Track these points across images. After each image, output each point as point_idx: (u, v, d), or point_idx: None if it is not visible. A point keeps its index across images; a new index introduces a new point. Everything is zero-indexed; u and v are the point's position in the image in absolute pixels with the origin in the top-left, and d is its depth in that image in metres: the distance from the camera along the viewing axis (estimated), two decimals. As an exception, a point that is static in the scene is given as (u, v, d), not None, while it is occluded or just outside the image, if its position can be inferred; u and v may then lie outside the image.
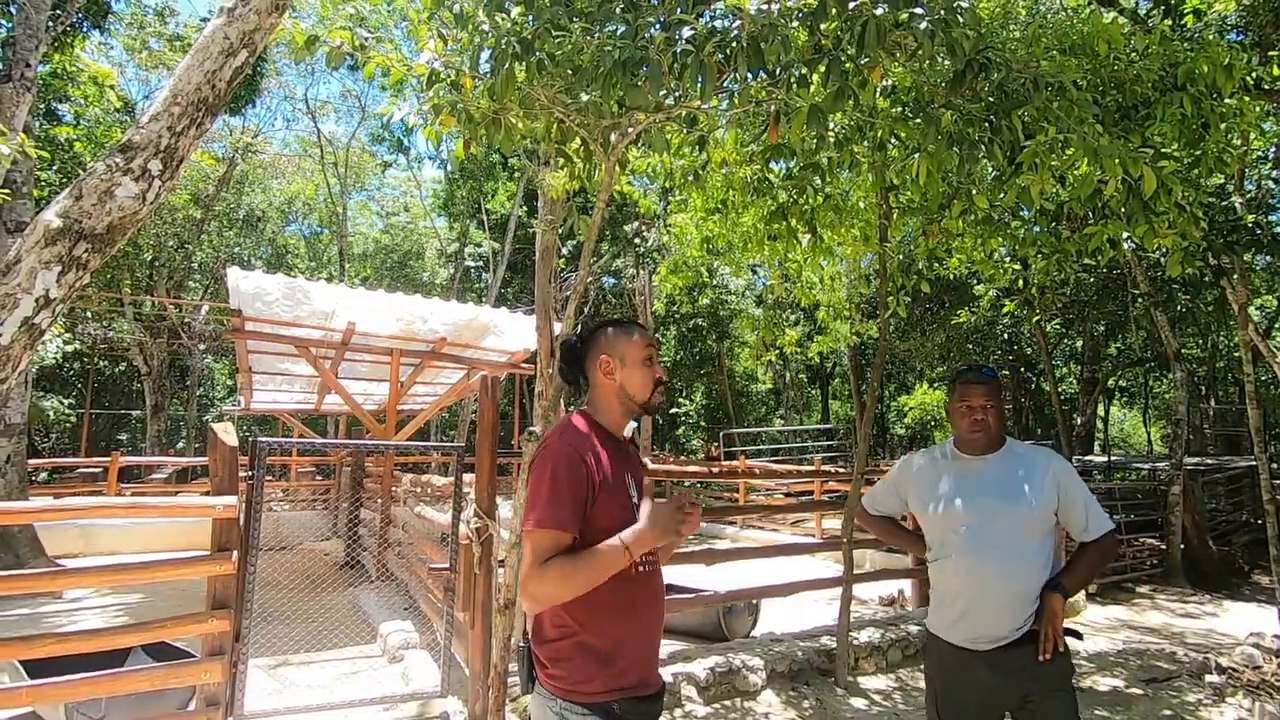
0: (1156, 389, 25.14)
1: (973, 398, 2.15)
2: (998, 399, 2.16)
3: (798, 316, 18.38)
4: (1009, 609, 2.03)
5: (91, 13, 11.95)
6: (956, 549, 2.11)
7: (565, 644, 1.52)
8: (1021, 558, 2.04)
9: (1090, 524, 2.12)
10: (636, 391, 1.65)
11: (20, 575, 3.35)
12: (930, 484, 2.23)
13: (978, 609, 2.06)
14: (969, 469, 2.18)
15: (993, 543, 2.05)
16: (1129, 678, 4.98)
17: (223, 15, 1.85)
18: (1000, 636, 2.03)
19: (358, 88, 23.15)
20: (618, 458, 1.62)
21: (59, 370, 19.27)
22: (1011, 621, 2.03)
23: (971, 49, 2.69)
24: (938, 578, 2.21)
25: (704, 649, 4.69)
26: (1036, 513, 2.07)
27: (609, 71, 2.62)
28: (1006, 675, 2.03)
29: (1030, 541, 2.06)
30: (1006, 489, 2.10)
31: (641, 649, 1.57)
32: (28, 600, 6.79)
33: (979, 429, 2.14)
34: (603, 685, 1.50)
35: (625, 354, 1.65)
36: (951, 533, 2.13)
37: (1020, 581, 2.03)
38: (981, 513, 2.09)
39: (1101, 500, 9.76)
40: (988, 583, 2.04)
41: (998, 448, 2.19)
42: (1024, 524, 2.06)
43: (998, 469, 2.14)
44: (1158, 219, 3.43)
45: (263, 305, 6.98)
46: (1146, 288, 9.56)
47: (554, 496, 1.48)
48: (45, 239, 1.55)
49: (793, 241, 4.71)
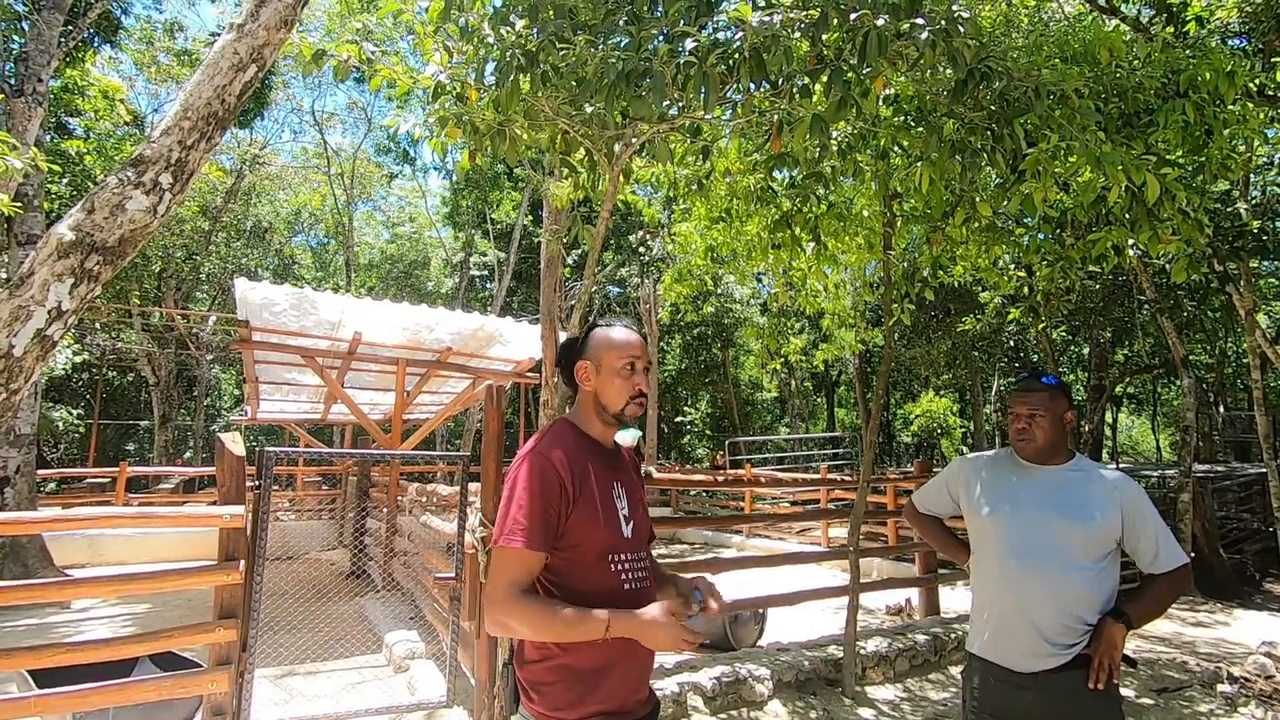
0: (1165, 395, 25.00)
1: (1019, 405, 2.10)
2: (1049, 409, 2.05)
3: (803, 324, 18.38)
4: (1050, 626, 1.92)
5: (103, 28, 12.13)
6: (999, 556, 2.03)
7: (543, 667, 1.46)
8: (1071, 574, 1.93)
9: (1161, 555, 1.98)
10: (610, 401, 1.57)
11: (28, 585, 3.37)
12: (984, 486, 2.14)
13: (1015, 623, 1.98)
14: (1028, 476, 2.09)
15: (1038, 555, 1.96)
16: (1140, 687, 4.93)
17: (233, 31, 1.88)
18: (1042, 654, 1.93)
19: (364, 100, 23.39)
20: (602, 466, 1.57)
21: (68, 381, 19.41)
22: (1054, 642, 1.92)
23: (973, 58, 2.71)
24: (978, 588, 2.13)
25: (710, 659, 4.67)
26: (1093, 530, 1.95)
27: (613, 83, 2.64)
28: (1051, 700, 1.92)
29: (1082, 560, 1.94)
30: (1064, 501, 2.00)
31: (627, 671, 1.50)
32: (36, 610, 6.82)
33: (1023, 437, 2.08)
34: (585, 711, 1.44)
35: (602, 361, 1.58)
36: (997, 538, 2.05)
37: (1067, 599, 1.92)
38: (1033, 522, 2.00)
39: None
40: (1027, 596, 1.96)
41: (1062, 459, 2.09)
42: (1077, 539, 1.95)
43: (1058, 480, 2.05)
44: (1162, 225, 3.43)
45: (270, 315, 7.03)
46: (1152, 294, 9.53)
47: (525, 510, 1.42)
48: (58, 252, 1.57)
49: (797, 250, 4.72)
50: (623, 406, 1.57)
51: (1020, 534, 2.00)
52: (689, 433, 26.48)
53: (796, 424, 24.39)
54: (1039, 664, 1.94)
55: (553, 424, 1.61)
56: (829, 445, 22.28)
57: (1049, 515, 1.99)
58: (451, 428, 24.16)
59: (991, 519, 2.07)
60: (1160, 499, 10.70)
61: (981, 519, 2.11)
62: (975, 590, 2.15)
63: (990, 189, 4.18)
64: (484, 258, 23.82)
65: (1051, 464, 2.08)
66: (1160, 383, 21.41)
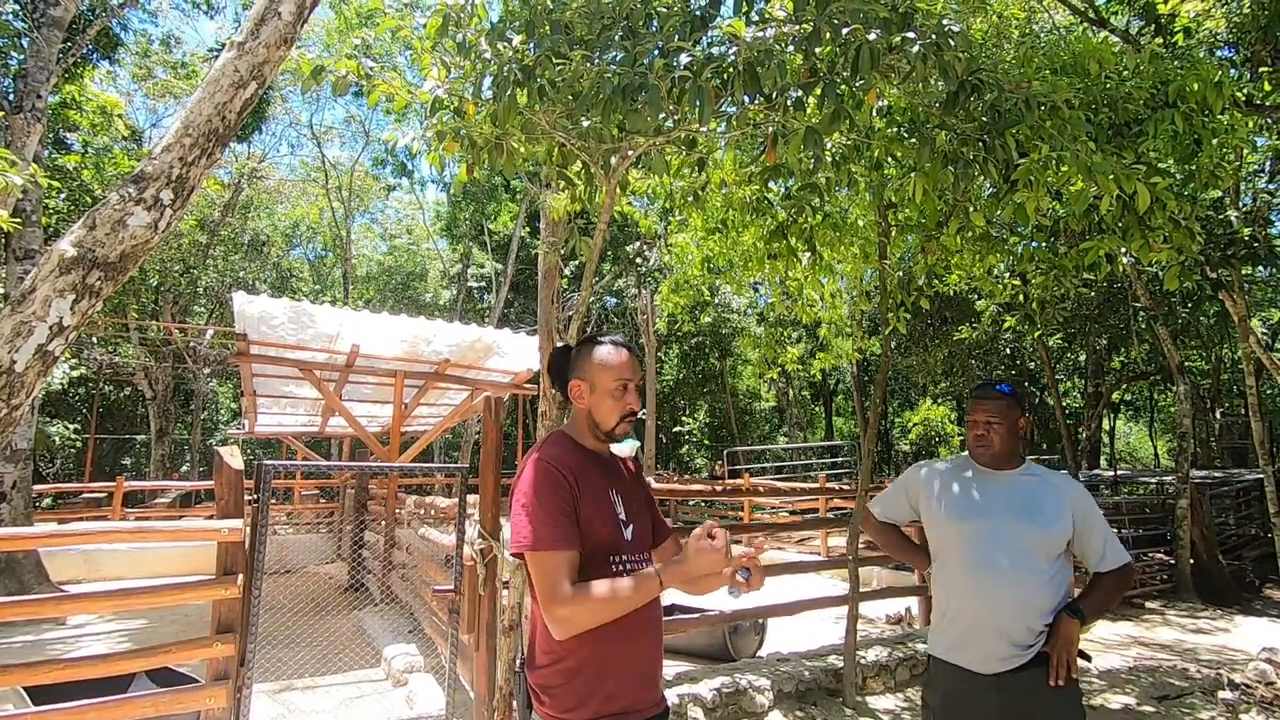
0: (1161, 402, 25.06)
1: (977, 412, 2.16)
2: (1005, 416, 2.13)
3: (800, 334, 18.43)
4: (1013, 628, 1.98)
5: (101, 44, 12.21)
6: (962, 561, 2.07)
7: (552, 670, 1.49)
8: (1030, 575, 1.99)
9: (1108, 555, 2.08)
10: (602, 419, 1.62)
11: (23, 601, 3.36)
12: (943, 492, 2.19)
13: (979, 626, 2.02)
14: (984, 482, 2.15)
15: (1000, 558, 2.01)
16: (1141, 695, 4.92)
17: (233, 49, 1.91)
18: (1005, 656, 1.98)
19: (362, 113, 23.51)
20: (599, 474, 1.61)
21: (64, 396, 19.35)
22: (1016, 643, 1.98)
23: (964, 71, 2.75)
24: (940, 593, 2.16)
25: (710, 669, 4.65)
26: (1050, 534, 2.03)
27: (609, 97, 2.67)
28: (1013, 699, 1.97)
29: (1042, 562, 2.02)
30: (1022, 506, 2.07)
31: (635, 671, 1.53)
32: (31, 626, 6.77)
33: (981, 444, 2.15)
34: (591, 711, 1.46)
35: (596, 381, 1.62)
36: (959, 544, 2.09)
37: (1028, 600, 1.99)
38: (991, 526, 2.05)
39: (1109, 514, 9.71)
40: (990, 599, 2.00)
41: (1016, 465, 2.16)
42: (1035, 543, 2.02)
43: (1014, 486, 2.12)
44: (1153, 233, 3.47)
45: (268, 329, 7.03)
46: (1147, 301, 9.58)
47: (548, 515, 1.47)
48: (60, 268, 1.58)
49: (793, 260, 4.75)
50: (614, 425, 1.62)
51: (983, 540, 2.05)
52: (687, 442, 26.46)
53: (795, 433, 24.39)
54: (1002, 665, 1.99)
55: (549, 435, 1.66)
56: (827, 454, 22.27)
57: (1010, 520, 2.05)
58: (450, 440, 24.12)
59: (954, 525, 2.12)
60: (1158, 506, 10.70)
61: (943, 526, 2.15)
62: (938, 595, 2.19)
63: (983, 199, 4.22)
64: (481, 269, 23.88)
65: (1007, 469, 2.15)
66: (1157, 389, 21.46)
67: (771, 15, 2.94)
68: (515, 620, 3.29)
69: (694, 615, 5.04)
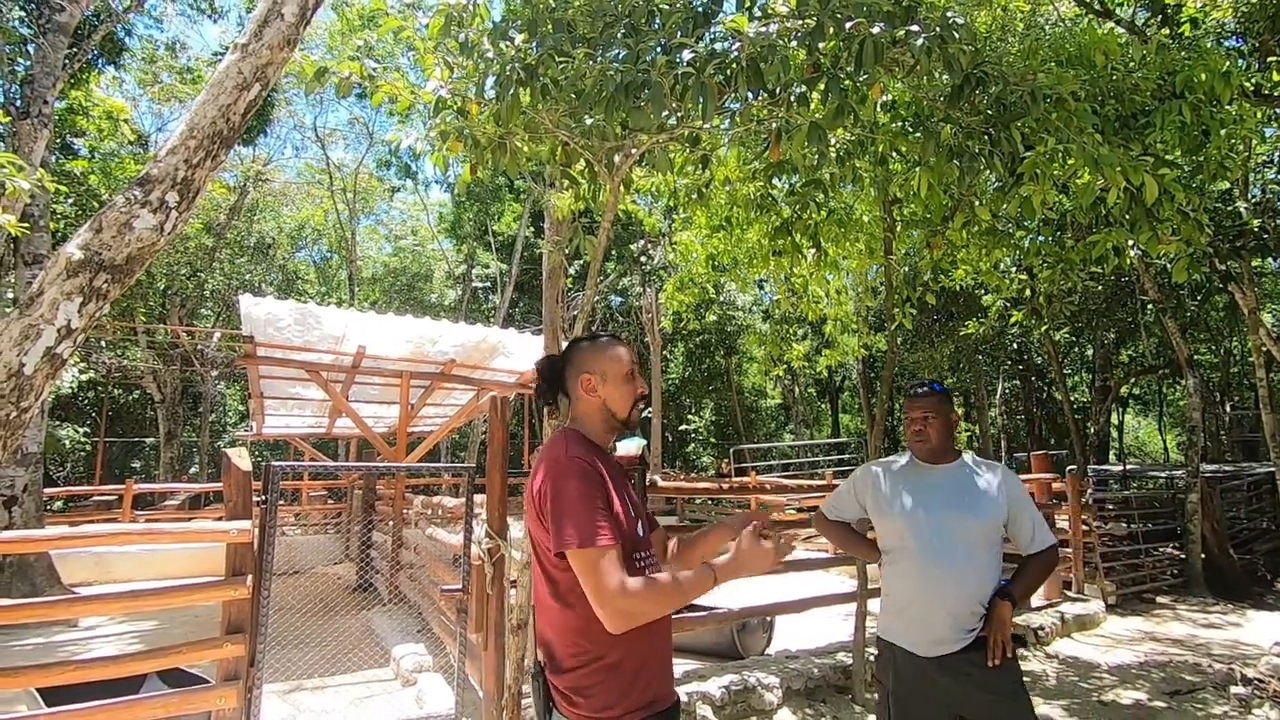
0: (1170, 396, 24.90)
1: (914, 410, 2.32)
2: (939, 411, 2.29)
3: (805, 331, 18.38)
4: (960, 614, 2.11)
5: (107, 49, 12.27)
6: (910, 553, 2.20)
7: (588, 670, 1.47)
8: (972, 564, 2.13)
9: (1036, 537, 2.22)
10: (618, 408, 1.64)
11: (36, 603, 3.38)
12: (888, 490, 2.32)
13: (929, 613, 2.14)
14: (925, 477, 2.29)
15: (946, 548, 2.14)
16: (1152, 690, 4.89)
17: (237, 51, 1.91)
18: (950, 641, 2.11)
19: (365, 115, 23.57)
20: (614, 471, 1.62)
21: (74, 399, 19.48)
22: (961, 627, 2.11)
23: (969, 64, 2.73)
24: (891, 583, 2.30)
25: (718, 667, 4.65)
26: (988, 522, 2.17)
27: (612, 95, 2.67)
28: (957, 681, 2.10)
29: (981, 550, 2.15)
30: (961, 498, 2.20)
31: (661, 663, 1.57)
32: (44, 628, 6.82)
33: (918, 439, 2.30)
34: (627, 707, 1.47)
35: (607, 371, 1.64)
36: (906, 536, 2.21)
37: (971, 587, 2.12)
38: (936, 519, 2.18)
39: (1119, 509, 9.64)
40: (939, 587, 2.13)
41: (953, 459, 2.31)
42: (976, 532, 2.16)
43: (953, 478, 2.26)
44: (1161, 226, 3.44)
45: (275, 331, 7.06)
46: (1155, 294, 9.52)
47: (594, 511, 1.45)
48: (67, 271, 1.59)
49: (797, 256, 4.73)
50: (629, 411, 1.65)
51: (929, 531, 2.18)
52: (694, 441, 26.44)
53: (801, 430, 24.34)
54: (945, 648, 2.13)
55: (561, 433, 1.63)
56: (834, 451, 22.22)
57: (952, 512, 2.19)
58: (456, 440, 24.17)
59: (901, 519, 2.25)
60: (1168, 500, 10.64)
61: (891, 520, 2.28)
62: (887, 585, 2.32)
63: (989, 192, 4.19)
64: (486, 270, 23.91)
65: (944, 463, 2.30)
66: (1166, 383, 21.32)
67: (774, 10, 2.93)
68: (524, 619, 3.30)
69: (702, 613, 5.03)
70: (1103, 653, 5.92)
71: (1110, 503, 9.69)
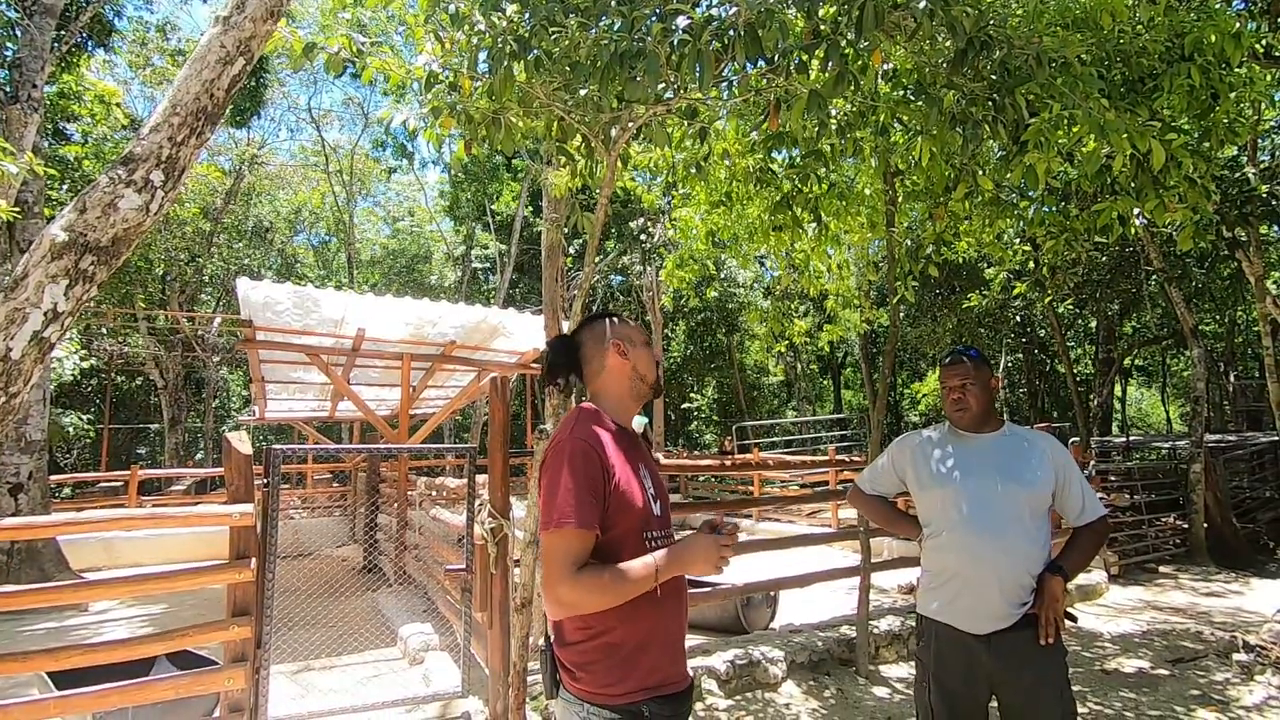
0: (1174, 366, 24.83)
1: (951, 378, 2.22)
2: (977, 377, 2.19)
3: (807, 307, 18.30)
4: (1009, 586, 2.03)
5: (95, 32, 12.08)
6: (956, 525, 2.11)
7: (590, 646, 1.48)
8: (1021, 535, 2.05)
9: (1087, 507, 2.14)
10: (646, 371, 1.68)
11: (45, 588, 3.40)
12: (929, 461, 2.24)
13: (976, 587, 2.06)
14: (968, 446, 2.20)
15: (993, 519, 2.06)
16: (1155, 658, 4.92)
17: (219, 25, 1.86)
18: (1001, 616, 2.03)
19: (360, 95, 23.29)
20: (631, 449, 1.60)
21: (77, 386, 19.51)
22: (1011, 601, 2.03)
23: (972, 27, 2.66)
24: (933, 557, 2.21)
25: (723, 642, 4.68)
26: (1036, 491, 2.09)
27: (607, 65, 2.60)
28: (1004, 660, 2.02)
29: (1028, 520, 2.07)
30: (1007, 466, 2.12)
31: (667, 646, 1.54)
32: (54, 613, 6.89)
33: (959, 406, 2.20)
34: (631, 686, 1.47)
35: (630, 336, 1.69)
36: (952, 508, 2.13)
37: (1020, 557, 2.04)
38: (982, 488, 2.10)
39: (1121, 480, 9.65)
40: (988, 560, 2.04)
41: (995, 427, 2.22)
42: (1024, 501, 2.07)
43: (997, 447, 2.17)
44: (1168, 193, 3.38)
45: (273, 315, 7.02)
46: (1160, 264, 9.43)
47: (574, 493, 1.45)
48: (51, 253, 1.56)
49: (798, 231, 4.68)
50: (656, 374, 1.70)
51: (976, 502, 2.10)
52: (696, 419, 26.49)
53: (803, 407, 24.36)
54: (995, 624, 2.04)
55: (576, 410, 1.63)
56: (836, 427, 22.26)
57: (998, 481, 2.10)
58: (459, 421, 24.24)
59: (945, 491, 2.16)
60: (1171, 471, 10.65)
61: (934, 492, 2.20)
62: (931, 560, 2.23)
63: (992, 162, 4.12)
64: (485, 250, 23.78)
65: (986, 431, 2.20)
66: (1170, 354, 21.25)
67: (772, -25, 2.84)
68: (527, 598, 3.30)
69: (706, 589, 5.06)
70: (1105, 622, 5.95)
71: (1113, 474, 9.70)
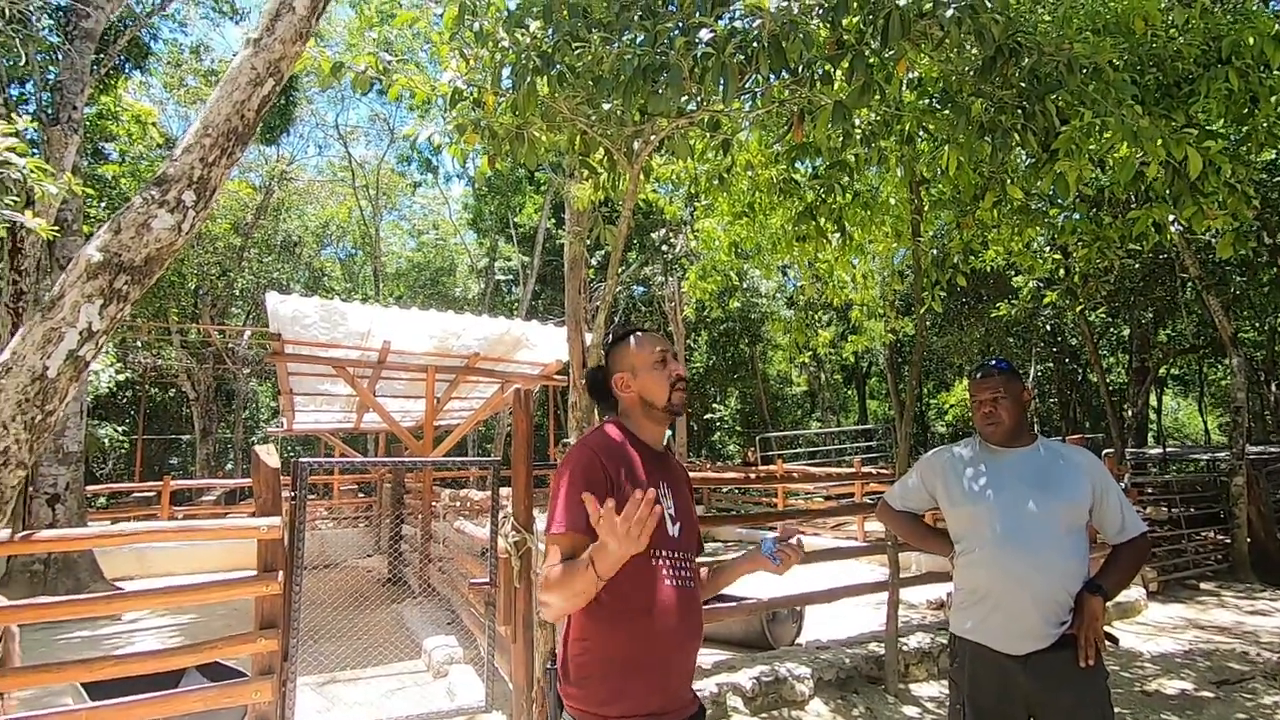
0: (1212, 376, 24.15)
1: (982, 391, 2.17)
2: (1009, 391, 2.13)
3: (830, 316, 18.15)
4: (1045, 604, 1.96)
5: (133, 54, 12.46)
6: (988, 542, 2.05)
7: (583, 661, 1.47)
8: (1057, 552, 1.98)
9: (1126, 524, 2.07)
10: (655, 396, 1.62)
11: (80, 600, 3.46)
12: (960, 477, 2.18)
13: (1011, 606, 1.99)
14: (1000, 461, 2.14)
15: (1027, 535, 1.99)
16: (1198, 680, 4.75)
17: (249, 47, 1.89)
18: (1038, 635, 1.96)
19: (386, 111, 23.69)
20: (650, 465, 1.58)
21: (113, 399, 20.00)
22: (1048, 621, 1.96)
23: (1000, 34, 2.61)
24: (966, 575, 2.15)
25: (748, 658, 4.61)
26: (1071, 505, 2.03)
27: (629, 79, 2.61)
28: (1043, 681, 1.94)
29: (1065, 536, 2.00)
30: (1040, 481, 2.06)
31: (667, 670, 1.49)
32: (89, 622, 7.02)
33: (990, 421, 2.14)
34: (626, 709, 1.43)
35: (635, 364, 1.65)
36: (984, 525, 2.07)
37: (1056, 573, 1.97)
38: (1015, 504, 2.04)
39: (1159, 493, 9.37)
40: (1022, 577, 1.98)
41: (1028, 441, 2.15)
42: (1059, 516, 2.01)
43: (1030, 461, 2.11)
44: (1206, 200, 3.28)
45: (300, 328, 7.14)
46: (1197, 271, 9.19)
47: (569, 500, 1.46)
48: (87, 273, 1.59)
49: (822, 241, 4.64)
50: (668, 396, 1.62)
51: (1009, 518, 2.03)
52: (719, 430, 26.35)
53: (828, 417, 24.12)
54: (1032, 644, 1.97)
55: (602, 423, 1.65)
56: (862, 438, 21.98)
57: (1032, 496, 2.04)
58: (483, 432, 24.38)
59: (977, 508, 2.11)
60: (1211, 483, 10.32)
61: (966, 509, 2.14)
62: (964, 578, 2.17)
63: (1021, 170, 4.05)
64: (508, 262, 23.98)
65: (1018, 446, 2.14)
66: (1207, 362, 20.67)
67: (795, -14, 2.83)
68: (551, 612, 3.29)
69: (731, 603, 4.99)
70: (1144, 641, 5.76)
71: (1150, 486, 9.42)
